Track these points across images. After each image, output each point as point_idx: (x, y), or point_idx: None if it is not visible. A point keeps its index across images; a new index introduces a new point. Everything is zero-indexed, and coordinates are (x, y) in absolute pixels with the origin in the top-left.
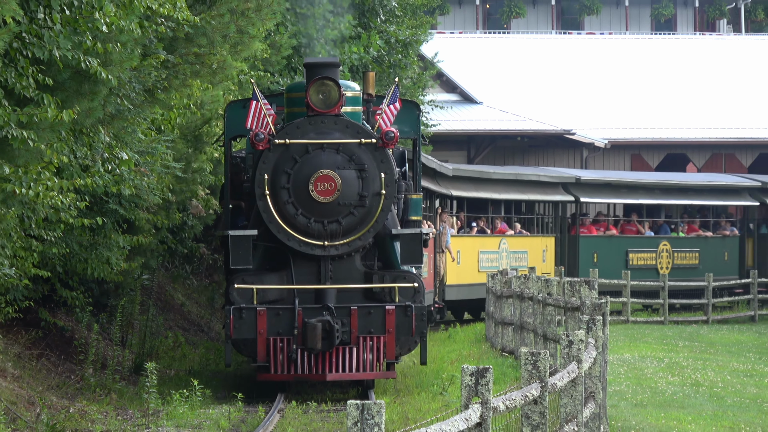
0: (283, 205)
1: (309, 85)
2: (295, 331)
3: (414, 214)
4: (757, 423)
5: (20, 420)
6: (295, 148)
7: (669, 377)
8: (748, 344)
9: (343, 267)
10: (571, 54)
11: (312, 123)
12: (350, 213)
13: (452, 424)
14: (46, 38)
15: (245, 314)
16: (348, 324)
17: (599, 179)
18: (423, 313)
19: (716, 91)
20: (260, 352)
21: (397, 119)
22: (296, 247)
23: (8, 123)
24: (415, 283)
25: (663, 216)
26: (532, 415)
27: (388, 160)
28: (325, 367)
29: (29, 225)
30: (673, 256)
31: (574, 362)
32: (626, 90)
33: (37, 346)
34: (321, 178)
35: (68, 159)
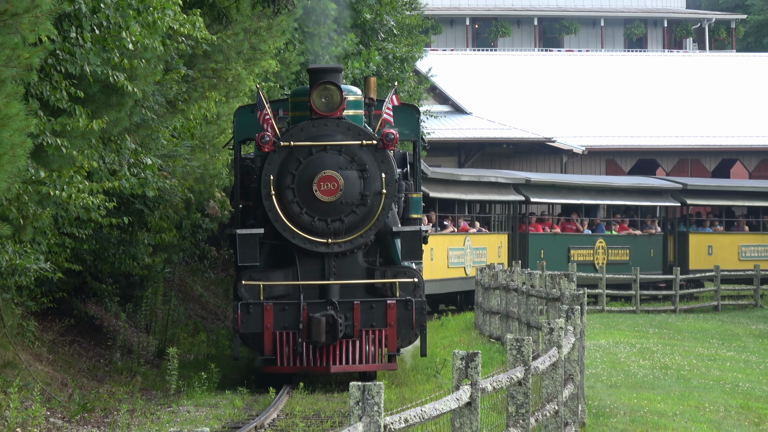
0: (288, 205)
1: (312, 90)
2: (301, 325)
3: (414, 212)
4: (719, 402)
5: (54, 400)
6: (299, 149)
7: (640, 361)
8: (712, 331)
9: (346, 263)
10: (552, 69)
11: (315, 126)
12: (352, 212)
13: (445, 403)
14: (77, 55)
15: (252, 309)
16: (351, 318)
17: (545, 181)
18: (423, 307)
19: (683, 103)
20: (267, 346)
21: (398, 122)
22: (301, 245)
23: (44, 132)
24: (415, 278)
25: (599, 215)
26: (517, 396)
27: (389, 161)
28: (329, 360)
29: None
30: (607, 253)
31: (555, 348)
32: (602, 102)
33: (69, 333)
34: (324, 179)
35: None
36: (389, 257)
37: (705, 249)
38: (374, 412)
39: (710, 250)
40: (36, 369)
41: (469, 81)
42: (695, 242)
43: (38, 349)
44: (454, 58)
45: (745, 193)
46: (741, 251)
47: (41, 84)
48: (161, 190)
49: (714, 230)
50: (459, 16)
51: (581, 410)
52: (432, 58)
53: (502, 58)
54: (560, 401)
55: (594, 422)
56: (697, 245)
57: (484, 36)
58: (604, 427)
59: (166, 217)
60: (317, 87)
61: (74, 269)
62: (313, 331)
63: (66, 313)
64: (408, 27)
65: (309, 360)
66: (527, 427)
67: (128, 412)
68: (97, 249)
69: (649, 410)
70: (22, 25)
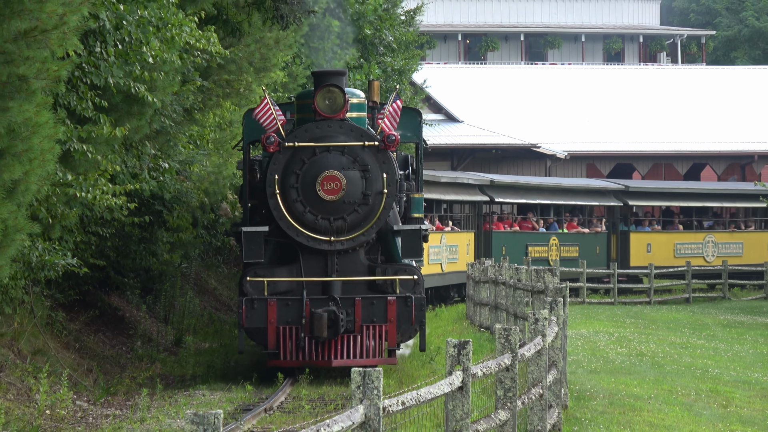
0: (292, 203)
1: (316, 92)
2: (303, 321)
3: (416, 212)
4: (690, 386)
5: (81, 384)
6: (303, 150)
7: (618, 349)
8: (684, 321)
9: (349, 261)
10: (537, 81)
11: (319, 127)
12: (354, 210)
13: (439, 387)
14: (102, 68)
15: (256, 305)
16: (352, 313)
17: (507, 182)
18: (422, 303)
19: (657, 112)
20: (270, 340)
21: (400, 125)
22: (304, 243)
23: (71, 138)
24: (415, 275)
25: (552, 214)
26: (505, 380)
27: (390, 161)
28: (330, 354)
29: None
30: (560, 249)
31: (540, 336)
32: (583, 111)
33: (94, 323)
34: (327, 178)
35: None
36: (390, 255)
37: (644, 247)
38: (374, 395)
39: (649, 247)
40: (64, 356)
41: (461, 92)
42: (635, 240)
43: (66, 338)
44: (447, 70)
45: (680, 194)
46: (676, 249)
47: (68, 94)
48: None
49: (652, 229)
50: (451, 32)
51: (564, 394)
52: (427, 71)
53: (491, 71)
54: (545, 385)
55: (575, 405)
56: (637, 243)
57: (474, 50)
58: (584, 409)
59: (183, 217)
60: (321, 89)
61: (99, 264)
62: (315, 326)
63: (91, 305)
64: (405, 42)
65: (311, 354)
66: (514, 409)
67: (148, 396)
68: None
69: (626, 394)
70: (51, 41)
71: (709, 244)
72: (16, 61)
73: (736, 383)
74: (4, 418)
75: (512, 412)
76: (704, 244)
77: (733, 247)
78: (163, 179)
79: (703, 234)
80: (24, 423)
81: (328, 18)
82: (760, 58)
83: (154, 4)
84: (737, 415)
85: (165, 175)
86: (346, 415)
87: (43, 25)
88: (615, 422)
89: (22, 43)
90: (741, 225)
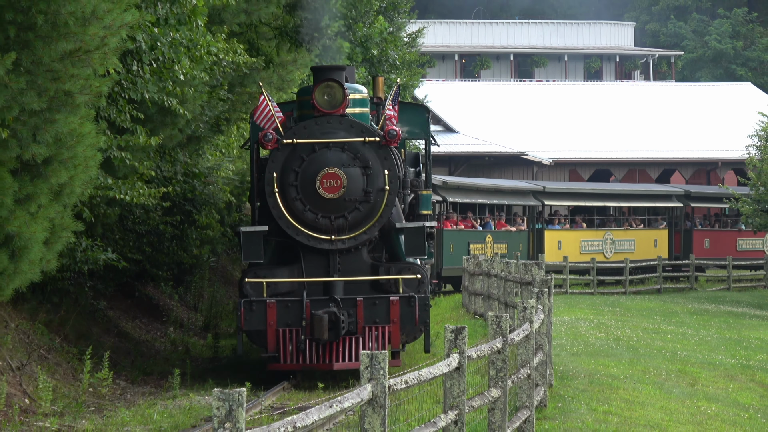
0: (292, 202)
1: (315, 87)
2: (303, 323)
3: (425, 209)
4: (662, 367)
5: (120, 365)
6: (302, 147)
7: (597, 334)
8: (655, 309)
9: (351, 260)
10: (525, 96)
11: (318, 123)
12: (356, 208)
13: (438, 368)
14: (138, 84)
15: (255, 307)
16: (354, 315)
17: (457, 183)
18: (426, 303)
19: (632, 123)
20: (270, 343)
21: (408, 122)
22: (305, 242)
23: (111, 147)
24: (418, 274)
25: (486, 213)
26: (497, 362)
27: (391, 158)
28: (331, 357)
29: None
30: (493, 246)
31: (528, 323)
32: (566, 122)
33: (132, 310)
34: (327, 176)
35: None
36: (394, 253)
37: (556, 244)
38: (380, 375)
39: (560, 244)
40: (105, 340)
41: (457, 106)
42: (549, 238)
43: (106, 324)
44: (445, 86)
45: (585, 194)
46: (582, 245)
47: (109, 108)
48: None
49: (562, 227)
50: (449, 53)
51: (549, 374)
52: (427, 87)
53: (485, 87)
54: (532, 366)
55: (559, 383)
56: (551, 240)
57: (469, 69)
58: (567, 387)
59: (211, 216)
60: (320, 84)
61: (136, 259)
62: (316, 328)
63: (129, 294)
64: (408, 61)
65: (312, 357)
66: (505, 388)
67: (180, 375)
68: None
69: (604, 374)
70: (93, 60)
71: (608, 241)
72: (62, 78)
73: (702, 364)
74: (52, 395)
75: (503, 390)
76: (604, 241)
77: (627, 244)
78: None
79: (603, 232)
80: (69, 399)
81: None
82: (722, 76)
83: (185, 28)
84: (703, 392)
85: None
86: (356, 392)
87: (86, 47)
88: (595, 399)
89: (68, 62)
90: (632, 223)
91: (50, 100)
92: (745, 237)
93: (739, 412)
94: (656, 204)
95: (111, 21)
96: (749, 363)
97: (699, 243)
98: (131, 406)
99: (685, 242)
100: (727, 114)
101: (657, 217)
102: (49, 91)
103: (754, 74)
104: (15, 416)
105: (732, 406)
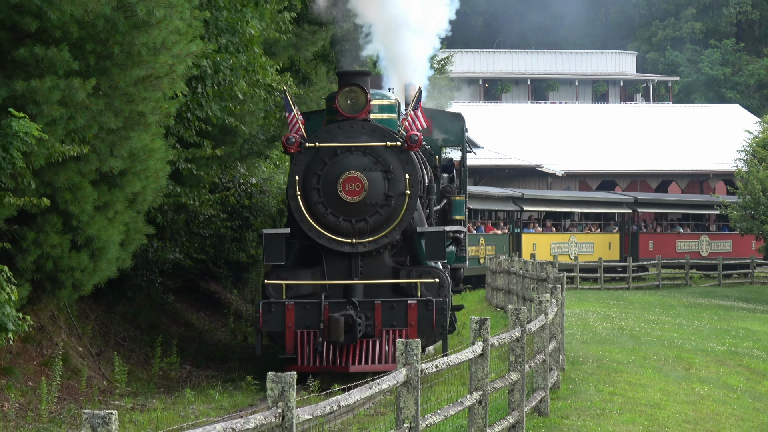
0: (314, 205)
1: (338, 92)
2: (321, 325)
3: (457, 214)
4: (660, 353)
5: (186, 351)
6: (324, 150)
7: (604, 324)
8: (655, 303)
9: (373, 263)
10: (541, 116)
11: (341, 127)
12: (377, 212)
13: (464, 354)
14: (203, 104)
15: (274, 308)
16: (372, 318)
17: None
18: (444, 307)
19: (634, 139)
20: (288, 345)
21: (444, 130)
22: (326, 245)
23: (179, 159)
24: (437, 278)
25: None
26: (516, 349)
27: (413, 162)
28: (348, 359)
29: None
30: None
31: (543, 314)
32: (576, 139)
33: (196, 304)
34: (349, 179)
35: (218, 181)
36: (416, 257)
37: (531, 246)
38: (414, 360)
39: (534, 246)
40: (173, 329)
41: (481, 124)
42: (526, 240)
43: (174, 315)
44: (470, 107)
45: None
46: (552, 248)
47: (177, 125)
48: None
49: (536, 231)
50: (474, 78)
51: (562, 359)
52: (455, 108)
53: (505, 108)
54: (547, 353)
55: (571, 368)
56: (527, 242)
57: (492, 92)
58: (578, 371)
59: (265, 222)
60: (343, 89)
61: (200, 258)
62: (332, 331)
63: (194, 290)
64: (438, 86)
65: (329, 359)
66: (523, 371)
67: (238, 360)
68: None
69: (610, 359)
70: (163, 85)
71: (572, 243)
72: (136, 101)
73: (696, 351)
74: (127, 378)
75: (521, 373)
76: (569, 243)
77: (588, 246)
78: (250, 192)
79: (568, 235)
80: (142, 381)
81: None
82: (713, 99)
83: (243, 55)
84: (697, 376)
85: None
86: (392, 375)
87: (156, 73)
88: (602, 381)
89: (141, 86)
90: (591, 228)
91: (125, 119)
92: (683, 239)
93: (728, 392)
94: (610, 210)
95: (178, 50)
96: (737, 350)
97: (644, 244)
98: (196, 387)
99: (633, 244)
100: (718, 132)
101: (610, 222)
102: (124, 112)
103: (742, 97)
104: (95, 396)
105: (722, 388)
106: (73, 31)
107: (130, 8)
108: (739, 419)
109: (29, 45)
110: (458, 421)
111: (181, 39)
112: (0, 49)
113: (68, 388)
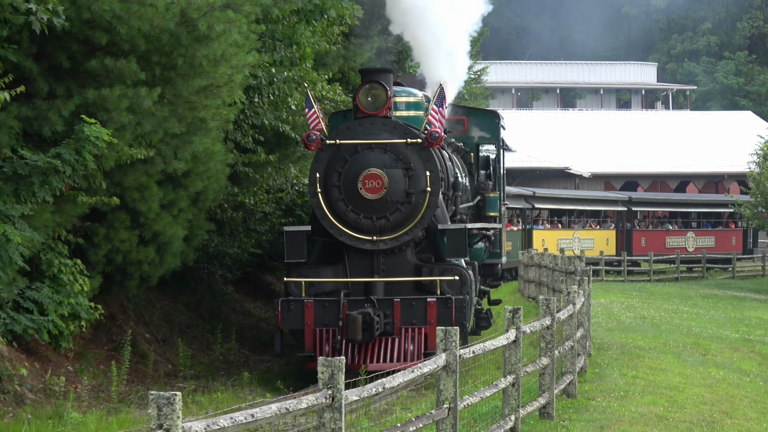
0: (335, 202)
1: (359, 89)
2: (340, 323)
3: (491, 211)
4: (679, 340)
5: (244, 338)
6: (345, 148)
7: (627, 313)
8: (674, 294)
9: (395, 260)
10: (569, 122)
11: (362, 124)
12: (397, 209)
13: (499, 341)
14: (259, 112)
15: (293, 306)
16: (391, 315)
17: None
18: (463, 305)
19: (655, 144)
20: (307, 342)
21: (480, 127)
22: (347, 242)
23: (237, 162)
24: (458, 276)
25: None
26: (546, 336)
27: (434, 159)
28: (366, 358)
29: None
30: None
31: (571, 304)
32: (601, 143)
33: (253, 294)
34: (369, 177)
35: (272, 183)
36: (439, 254)
37: (540, 241)
38: (452, 346)
39: (543, 242)
40: (232, 317)
41: (514, 130)
42: (536, 236)
43: (233, 305)
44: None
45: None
46: (559, 243)
47: (235, 131)
48: None
49: (544, 227)
50: (507, 87)
51: (588, 345)
52: None
53: (536, 115)
54: (575, 339)
55: (597, 353)
56: (537, 238)
57: (523, 100)
58: (603, 356)
59: None
60: (364, 86)
61: (257, 252)
62: (350, 329)
63: (251, 281)
64: (474, 94)
65: (347, 357)
66: (553, 357)
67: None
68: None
69: (633, 345)
70: (222, 93)
71: (576, 239)
72: (197, 108)
73: (712, 338)
74: (190, 362)
75: (551, 358)
76: (573, 239)
77: (588, 242)
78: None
79: (572, 231)
80: (204, 366)
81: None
82: (728, 106)
83: (297, 68)
84: (713, 361)
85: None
86: (432, 360)
87: (216, 82)
88: (625, 366)
89: (202, 95)
90: (591, 225)
91: (188, 125)
92: (672, 236)
93: (742, 377)
94: (608, 208)
95: (237, 62)
96: (750, 337)
97: (637, 241)
98: (253, 370)
99: (627, 240)
100: (732, 136)
101: (607, 219)
102: (187, 118)
103: (754, 104)
104: (161, 378)
105: (736, 372)
106: (141, 44)
107: (192, 23)
108: (751, 401)
109: (100, 57)
110: (493, 402)
111: (239, 51)
112: (73, 61)
113: (136, 371)
